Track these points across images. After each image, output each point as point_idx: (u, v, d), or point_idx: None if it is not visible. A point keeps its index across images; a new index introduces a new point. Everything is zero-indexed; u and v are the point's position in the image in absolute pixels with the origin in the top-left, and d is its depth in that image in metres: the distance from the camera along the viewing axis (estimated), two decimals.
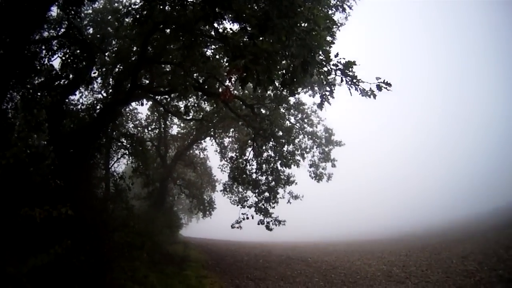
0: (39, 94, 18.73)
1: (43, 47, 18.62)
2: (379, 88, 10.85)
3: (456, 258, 21.25)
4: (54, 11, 19.24)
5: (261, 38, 10.46)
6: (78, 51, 18.45)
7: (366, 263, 24.21)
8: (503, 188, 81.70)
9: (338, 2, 17.89)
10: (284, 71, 11.95)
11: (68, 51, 18.26)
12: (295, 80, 11.40)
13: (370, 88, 11.05)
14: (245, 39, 11.37)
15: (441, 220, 65.02)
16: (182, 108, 27.18)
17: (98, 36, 22.39)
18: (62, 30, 19.65)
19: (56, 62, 18.92)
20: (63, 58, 18.05)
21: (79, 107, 23.15)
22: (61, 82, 19.25)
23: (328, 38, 11.15)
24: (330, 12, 16.35)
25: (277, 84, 15.07)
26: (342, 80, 11.28)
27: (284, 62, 12.43)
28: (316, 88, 23.61)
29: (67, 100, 21.05)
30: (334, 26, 12.96)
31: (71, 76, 19.17)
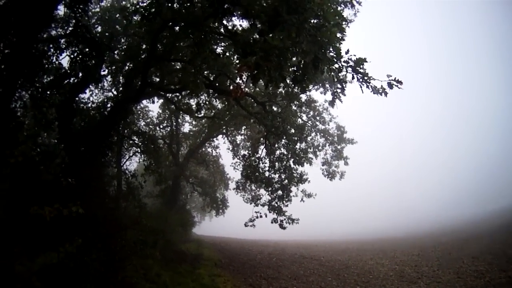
0: (48, 92, 18.77)
1: (51, 46, 18.64)
2: (390, 85, 10.82)
3: (467, 258, 21.22)
4: (61, 9, 19.22)
5: (271, 35, 10.39)
6: (87, 49, 18.48)
7: (379, 262, 24.17)
8: (509, 187, 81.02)
9: None
10: (295, 67, 11.89)
11: (76, 49, 18.28)
12: (306, 76, 11.38)
13: (382, 85, 10.99)
14: (255, 36, 11.32)
15: (448, 219, 64.78)
16: (194, 106, 27.17)
17: (107, 34, 22.41)
18: (70, 28, 19.68)
19: (65, 61, 18.97)
20: (72, 56, 18.06)
21: (89, 105, 23.13)
22: (70, 81, 19.29)
23: (338, 35, 11.05)
24: (339, 8, 16.27)
25: (288, 81, 15.00)
26: (353, 77, 11.23)
27: (294, 58, 12.34)
28: (327, 85, 23.57)
29: (77, 99, 21.14)
30: (344, 22, 12.83)
31: (80, 74, 19.19)
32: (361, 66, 10.96)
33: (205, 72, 21.43)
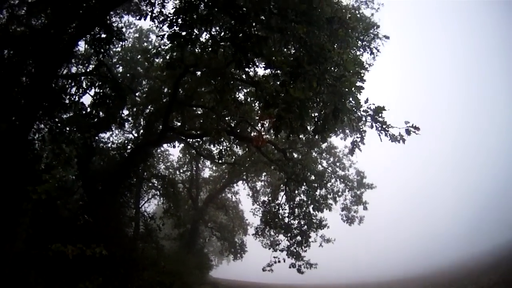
0: (67, 128, 18.98)
1: (72, 83, 18.88)
2: (408, 132, 10.87)
3: None
4: (82, 46, 19.51)
5: (292, 85, 10.56)
6: (109, 89, 18.76)
7: None
8: None
9: (365, 43, 18.07)
10: (316, 118, 12.03)
11: (99, 90, 18.51)
12: (326, 127, 11.47)
13: (399, 133, 11.06)
14: (277, 84, 11.49)
15: (464, 253, 63.70)
16: (215, 152, 27.23)
17: (128, 75, 22.83)
18: (91, 66, 20.10)
19: (86, 99, 19.21)
20: (94, 98, 18.30)
21: (109, 145, 23.66)
22: (92, 120, 19.49)
23: (358, 84, 11.19)
24: (358, 53, 16.52)
25: (308, 128, 15.11)
26: (372, 126, 11.32)
27: (315, 108, 12.50)
28: (347, 131, 23.69)
29: (97, 138, 21.46)
30: (363, 71, 13.00)
31: (101, 114, 19.39)
32: (380, 115, 11.06)
33: (226, 118, 21.69)
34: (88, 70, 20.32)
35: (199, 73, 17.77)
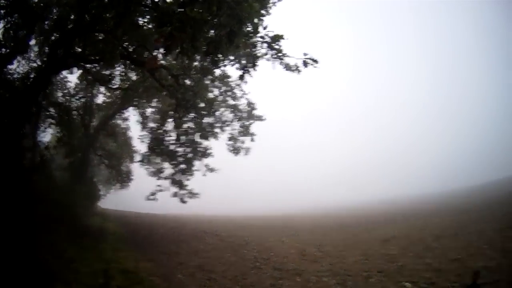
0: None
1: None
2: (305, 64, 11.15)
3: (376, 241, 21.90)
4: None
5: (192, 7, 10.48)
6: (21, 20, 18.00)
7: (280, 240, 24.74)
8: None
9: None
10: (210, 40, 12.02)
11: (10, 19, 17.75)
12: (219, 49, 11.52)
13: (296, 63, 11.36)
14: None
15: (370, 203, 66.13)
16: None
17: (42, 4, 21.69)
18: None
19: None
20: (6, 27, 17.55)
21: (15, 76, 22.45)
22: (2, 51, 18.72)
23: (263, 11, 11.30)
24: None
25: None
26: (266, 54, 11.53)
27: (212, 32, 12.47)
28: (243, 61, 23.93)
29: (5, 69, 20.41)
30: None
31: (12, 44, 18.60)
32: (277, 43, 11.29)
33: (125, 44, 21.31)
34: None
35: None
